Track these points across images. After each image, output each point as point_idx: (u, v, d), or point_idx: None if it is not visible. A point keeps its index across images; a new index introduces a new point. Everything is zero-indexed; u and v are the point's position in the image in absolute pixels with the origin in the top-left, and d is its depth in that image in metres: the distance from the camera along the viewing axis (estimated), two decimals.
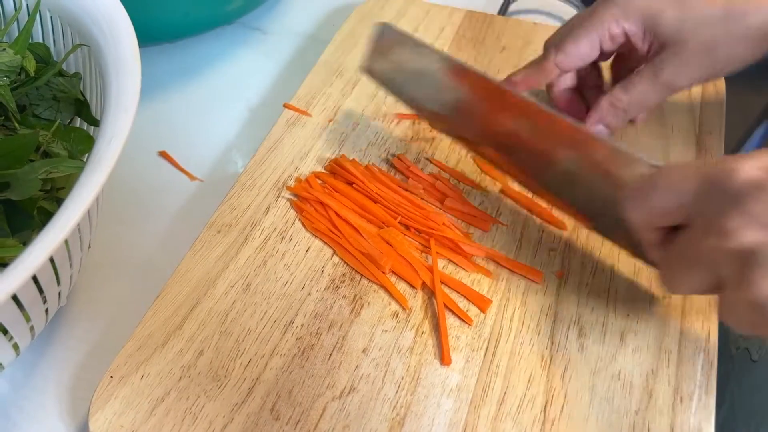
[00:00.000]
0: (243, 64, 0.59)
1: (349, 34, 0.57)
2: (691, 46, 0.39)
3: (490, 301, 0.39)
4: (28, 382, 0.38)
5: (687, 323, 0.38)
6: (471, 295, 0.39)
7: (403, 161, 0.46)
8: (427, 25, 0.58)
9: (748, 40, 0.39)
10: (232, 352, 0.37)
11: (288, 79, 0.56)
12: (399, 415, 0.34)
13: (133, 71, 0.33)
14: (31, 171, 0.32)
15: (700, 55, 0.40)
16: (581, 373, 0.36)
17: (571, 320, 0.38)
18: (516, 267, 0.40)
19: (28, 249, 0.25)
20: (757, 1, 0.38)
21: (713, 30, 0.39)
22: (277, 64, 0.58)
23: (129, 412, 0.34)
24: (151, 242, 0.45)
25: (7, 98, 0.36)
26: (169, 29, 0.56)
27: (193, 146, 0.51)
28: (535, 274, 0.40)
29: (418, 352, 0.37)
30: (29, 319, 0.31)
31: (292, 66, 0.58)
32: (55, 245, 0.25)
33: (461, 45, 0.56)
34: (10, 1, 0.43)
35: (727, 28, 0.39)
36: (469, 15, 0.59)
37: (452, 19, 0.59)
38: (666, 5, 0.39)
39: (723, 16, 0.39)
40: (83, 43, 0.38)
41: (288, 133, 0.48)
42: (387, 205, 0.43)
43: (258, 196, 0.44)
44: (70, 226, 0.25)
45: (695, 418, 0.34)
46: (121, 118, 0.30)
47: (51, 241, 0.25)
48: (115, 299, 0.42)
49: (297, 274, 0.40)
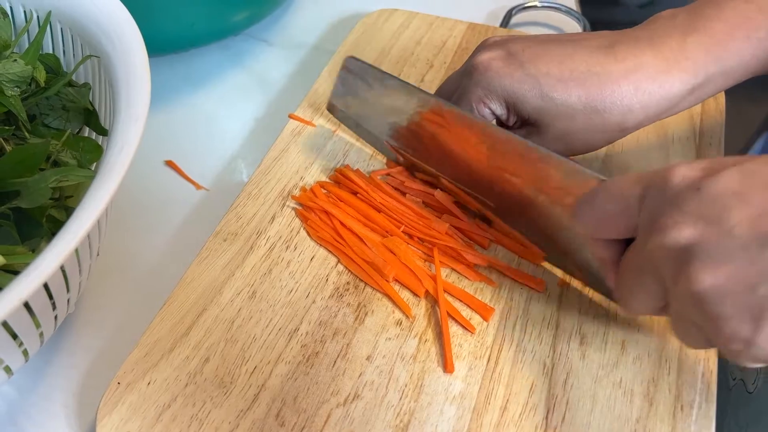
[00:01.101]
0: (249, 74, 0.59)
1: (353, 45, 0.58)
2: (549, 131, 0.40)
3: (493, 309, 0.39)
4: (35, 389, 0.38)
5: None
6: (474, 303, 0.39)
7: (396, 177, 0.46)
8: (430, 37, 0.59)
9: (605, 133, 0.39)
10: (237, 359, 0.37)
11: (293, 89, 0.57)
12: (402, 422, 0.35)
13: (143, 82, 0.33)
14: (41, 180, 0.32)
15: (557, 140, 0.40)
16: (583, 381, 0.36)
17: (573, 329, 0.38)
18: (518, 276, 0.41)
19: (41, 256, 0.25)
20: (613, 95, 0.38)
21: (571, 122, 0.39)
22: (282, 74, 0.59)
23: (136, 418, 0.35)
24: (158, 250, 0.45)
25: (17, 108, 0.37)
26: (175, 40, 0.57)
27: (199, 155, 0.52)
28: (538, 283, 0.40)
29: (421, 360, 0.37)
30: (39, 325, 0.31)
31: (298, 76, 0.59)
32: (68, 252, 0.25)
33: (463, 57, 0.57)
34: (21, 12, 0.44)
35: (585, 121, 0.39)
36: (471, 27, 0.60)
37: (454, 32, 0.60)
38: (526, 91, 0.39)
39: (581, 109, 0.38)
40: (93, 54, 0.39)
41: (293, 143, 0.49)
42: (390, 215, 0.43)
43: (263, 205, 0.45)
44: (81, 233, 0.26)
45: (696, 426, 0.34)
46: (132, 128, 0.31)
47: (63, 248, 0.25)
48: (122, 306, 0.42)
49: (302, 283, 0.41)
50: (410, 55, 0.57)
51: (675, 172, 0.29)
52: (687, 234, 0.27)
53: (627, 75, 0.38)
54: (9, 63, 0.38)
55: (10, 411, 0.37)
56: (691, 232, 0.27)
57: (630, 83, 0.38)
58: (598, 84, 0.38)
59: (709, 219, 0.27)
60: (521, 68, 0.39)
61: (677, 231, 0.27)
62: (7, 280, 0.27)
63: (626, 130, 0.39)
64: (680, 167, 0.29)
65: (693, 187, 0.28)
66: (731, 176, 0.27)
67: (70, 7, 0.41)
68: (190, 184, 0.49)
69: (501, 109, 0.41)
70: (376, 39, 0.59)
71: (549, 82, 0.38)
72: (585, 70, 0.38)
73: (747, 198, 0.26)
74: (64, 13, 0.42)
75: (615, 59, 0.38)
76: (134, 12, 0.38)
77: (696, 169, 0.28)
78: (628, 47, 0.38)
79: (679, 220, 0.27)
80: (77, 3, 0.40)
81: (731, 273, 0.26)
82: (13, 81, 0.38)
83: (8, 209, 0.33)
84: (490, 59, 0.40)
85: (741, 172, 0.27)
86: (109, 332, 0.41)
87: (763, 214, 0.26)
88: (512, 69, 0.39)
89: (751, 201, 0.26)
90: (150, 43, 0.37)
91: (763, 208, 0.26)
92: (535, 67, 0.39)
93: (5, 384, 0.38)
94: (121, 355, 0.37)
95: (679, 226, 0.27)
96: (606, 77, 0.38)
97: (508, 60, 0.39)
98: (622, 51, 0.38)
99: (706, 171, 0.28)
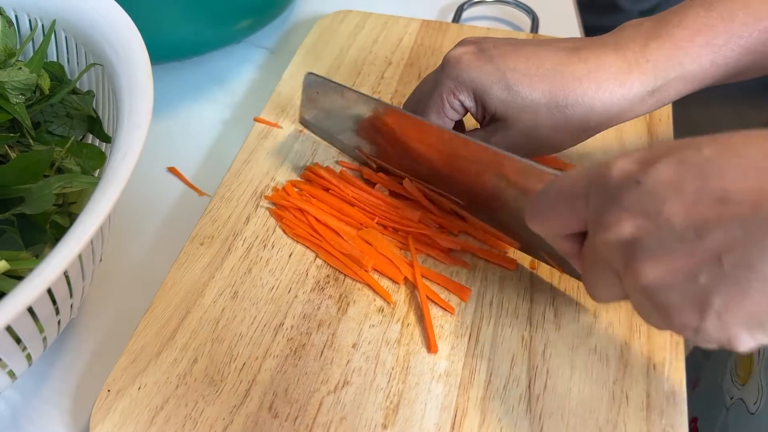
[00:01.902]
0: (250, 81, 0.60)
1: (312, 48, 0.59)
2: (515, 126, 0.41)
3: (469, 290, 0.41)
4: (38, 393, 0.39)
5: None
6: (451, 286, 0.41)
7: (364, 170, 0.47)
8: (386, 36, 0.60)
9: (568, 131, 0.40)
10: (225, 357, 0.38)
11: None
12: (393, 403, 0.36)
13: (146, 90, 0.34)
14: (45, 186, 0.32)
15: (523, 136, 0.41)
16: (560, 350, 0.38)
17: (547, 302, 0.40)
18: (491, 256, 0.42)
19: (45, 261, 0.26)
20: (576, 91, 0.39)
21: (535, 116, 0.40)
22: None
23: (129, 423, 0.35)
24: (160, 256, 0.45)
25: (22, 115, 0.37)
26: (178, 48, 0.57)
27: (202, 162, 0.52)
28: (509, 262, 0.42)
29: (405, 343, 0.38)
30: (42, 330, 0.32)
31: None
32: (72, 258, 0.26)
33: (420, 53, 0.58)
34: (27, 21, 0.44)
35: (548, 117, 0.40)
36: (425, 24, 0.62)
37: (409, 30, 0.61)
38: (492, 83, 0.40)
39: (545, 104, 0.40)
40: (97, 63, 0.39)
41: (261, 145, 0.50)
42: (364, 207, 0.45)
43: (237, 207, 0.45)
44: (85, 239, 0.26)
45: (668, 383, 0.36)
46: (135, 135, 0.31)
47: (67, 253, 0.26)
48: (123, 312, 0.42)
49: (282, 279, 0.41)
50: (368, 53, 0.58)
51: (614, 167, 0.29)
52: (628, 229, 0.27)
53: (589, 73, 0.39)
54: (14, 71, 0.38)
55: (14, 415, 0.38)
56: (632, 227, 0.27)
57: (592, 81, 0.39)
58: (561, 80, 0.39)
59: (647, 212, 0.27)
60: (490, 62, 0.40)
61: (619, 227, 0.27)
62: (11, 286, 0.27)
63: (589, 129, 0.41)
64: (619, 161, 0.29)
65: (632, 181, 0.28)
66: (666, 167, 0.27)
67: (74, 16, 0.41)
68: (192, 190, 0.50)
69: (470, 101, 0.42)
70: (334, 40, 0.60)
71: (515, 76, 0.40)
72: (550, 68, 0.40)
73: (681, 187, 0.26)
74: (68, 21, 0.42)
75: (579, 59, 0.40)
76: (138, 21, 0.39)
77: (634, 161, 0.28)
78: (593, 50, 0.40)
79: (620, 216, 0.27)
80: (81, 12, 0.41)
81: (672, 264, 0.26)
82: (18, 88, 0.38)
83: (12, 215, 0.33)
84: (462, 53, 0.41)
85: (676, 162, 0.27)
86: (108, 337, 0.41)
87: (696, 202, 0.26)
88: (482, 63, 0.41)
89: (686, 190, 0.26)
90: (154, 50, 0.38)
91: (696, 197, 0.26)
92: (503, 62, 0.40)
93: (8, 388, 0.39)
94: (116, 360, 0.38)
95: (621, 222, 0.27)
96: (569, 74, 0.39)
97: (479, 55, 0.41)
98: (586, 52, 0.40)
99: (643, 163, 0.28)
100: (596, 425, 0.35)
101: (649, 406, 0.35)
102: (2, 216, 0.33)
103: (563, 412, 0.35)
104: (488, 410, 0.35)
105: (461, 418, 0.35)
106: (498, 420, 0.35)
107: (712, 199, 0.25)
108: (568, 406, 0.36)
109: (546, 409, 0.36)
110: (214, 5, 0.54)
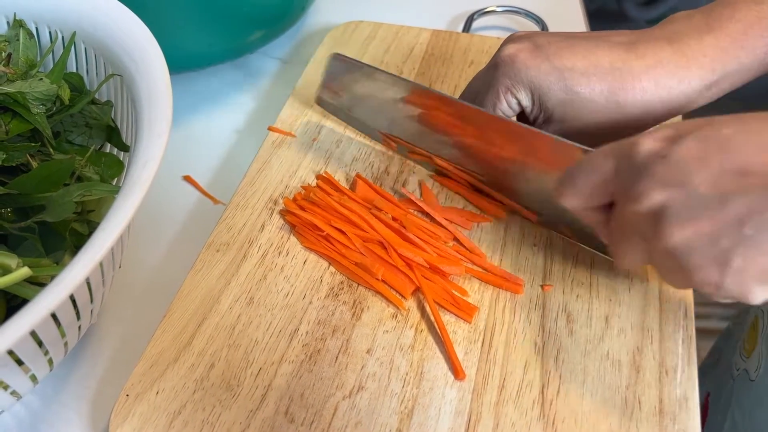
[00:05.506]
0: (264, 91, 0.61)
1: (324, 58, 0.60)
2: (573, 125, 0.41)
3: (477, 308, 0.40)
4: (57, 397, 0.39)
5: (665, 303, 0.40)
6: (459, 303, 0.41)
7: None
8: (397, 45, 0.61)
9: (626, 128, 0.40)
10: (242, 362, 0.38)
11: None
12: (407, 407, 0.36)
13: (165, 99, 0.35)
14: (66, 194, 0.33)
15: (579, 133, 0.41)
16: (573, 356, 0.38)
17: (559, 308, 0.40)
18: (496, 282, 0.42)
19: (68, 267, 0.26)
20: (635, 90, 0.39)
21: (594, 116, 0.40)
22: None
23: (148, 427, 0.36)
24: (176, 263, 0.46)
25: (43, 125, 0.38)
26: (194, 59, 0.58)
27: (217, 171, 0.53)
28: (516, 288, 0.41)
29: (419, 348, 0.39)
30: (64, 335, 0.32)
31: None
32: (94, 264, 0.26)
33: (431, 62, 0.59)
34: (47, 33, 0.45)
35: (607, 116, 0.40)
36: (435, 34, 0.62)
37: (420, 39, 0.62)
38: (551, 83, 0.40)
39: (604, 104, 0.40)
40: (116, 73, 0.40)
41: (275, 153, 0.50)
42: (365, 230, 0.44)
43: (252, 215, 0.46)
44: (107, 245, 0.27)
45: (680, 388, 0.37)
46: (155, 143, 0.32)
47: (89, 260, 0.26)
48: (141, 318, 0.43)
49: (297, 285, 0.42)
50: (380, 63, 0.59)
51: (641, 144, 0.32)
52: (657, 198, 0.30)
53: (648, 70, 0.39)
54: (35, 82, 0.39)
55: (33, 420, 0.39)
56: (660, 196, 0.30)
57: (650, 78, 0.39)
58: (620, 79, 0.39)
59: (675, 183, 0.30)
60: (547, 60, 0.40)
61: (648, 197, 0.31)
62: (33, 292, 0.28)
63: (646, 125, 0.40)
64: (645, 139, 0.32)
65: (659, 156, 0.31)
66: (692, 143, 0.30)
67: (93, 28, 0.42)
68: (207, 198, 0.51)
69: (527, 100, 0.42)
70: (346, 50, 0.60)
71: (573, 76, 0.40)
72: (608, 66, 0.40)
73: (706, 162, 0.29)
74: (88, 33, 0.43)
75: (636, 55, 0.40)
76: (153, 33, 0.40)
77: (660, 138, 0.31)
78: (648, 45, 0.40)
79: (649, 187, 0.31)
80: (101, 24, 0.41)
81: (697, 229, 0.29)
82: (39, 99, 0.39)
83: (33, 223, 0.34)
84: (517, 51, 0.41)
85: (699, 139, 0.30)
86: (126, 342, 0.42)
87: (719, 174, 0.29)
88: (538, 61, 0.40)
89: (711, 164, 0.29)
90: (170, 61, 0.38)
91: (719, 169, 0.29)
92: (560, 61, 0.40)
93: (29, 393, 0.39)
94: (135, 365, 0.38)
95: (650, 193, 0.30)
96: (628, 73, 0.39)
97: (535, 52, 0.41)
98: (642, 48, 0.40)
99: (669, 140, 0.31)
100: (609, 430, 0.35)
101: (661, 411, 0.36)
102: (24, 223, 0.34)
103: (576, 417, 0.36)
104: (502, 415, 0.36)
105: (475, 423, 0.36)
106: (512, 425, 0.35)
107: (733, 171, 0.29)
108: (581, 411, 0.36)
109: (559, 414, 0.36)
110: (227, 17, 0.55)
